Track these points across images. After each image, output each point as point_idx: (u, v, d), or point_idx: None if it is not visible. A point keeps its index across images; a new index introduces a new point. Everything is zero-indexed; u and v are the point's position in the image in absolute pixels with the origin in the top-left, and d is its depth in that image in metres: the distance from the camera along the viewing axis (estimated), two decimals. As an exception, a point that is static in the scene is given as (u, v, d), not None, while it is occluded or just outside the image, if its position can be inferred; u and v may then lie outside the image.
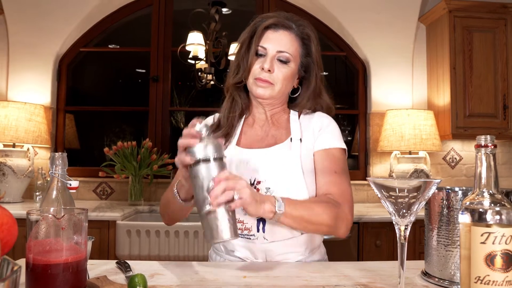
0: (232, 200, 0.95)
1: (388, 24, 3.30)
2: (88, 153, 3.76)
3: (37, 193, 2.92)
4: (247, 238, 1.21)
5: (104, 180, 3.20)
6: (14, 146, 2.95)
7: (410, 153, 3.08)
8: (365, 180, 3.22)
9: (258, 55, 1.26)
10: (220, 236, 0.93)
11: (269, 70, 1.23)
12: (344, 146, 1.29)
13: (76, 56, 3.42)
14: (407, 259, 1.22)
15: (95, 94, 3.99)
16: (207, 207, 0.93)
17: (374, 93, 3.33)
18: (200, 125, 0.98)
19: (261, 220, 1.20)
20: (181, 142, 0.98)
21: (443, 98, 3.12)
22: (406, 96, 3.31)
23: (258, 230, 1.20)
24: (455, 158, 3.36)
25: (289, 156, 1.23)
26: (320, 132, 1.28)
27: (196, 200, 0.97)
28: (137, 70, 3.94)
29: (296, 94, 1.34)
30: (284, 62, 1.24)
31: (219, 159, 0.97)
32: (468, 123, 3.02)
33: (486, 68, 3.05)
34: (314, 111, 1.35)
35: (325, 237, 1.41)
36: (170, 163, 3.05)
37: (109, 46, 3.66)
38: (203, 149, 0.95)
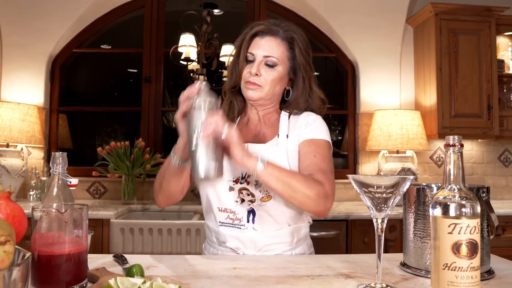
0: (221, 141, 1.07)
1: (377, 26, 3.38)
2: (81, 153, 3.80)
3: (31, 193, 2.96)
4: (238, 228, 1.29)
5: (97, 180, 3.25)
6: (7, 146, 2.99)
7: (397, 152, 3.16)
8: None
9: (247, 61, 1.34)
10: (204, 172, 1.04)
11: (256, 74, 1.31)
12: (329, 139, 1.35)
13: (69, 57, 3.46)
14: (394, 253, 1.29)
15: (88, 94, 4.02)
16: (197, 141, 1.05)
17: (362, 94, 3.40)
18: (200, 82, 1.11)
19: (251, 212, 1.28)
20: (183, 94, 1.11)
21: (430, 98, 3.21)
22: (394, 96, 3.40)
23: (248, 221, 1.29)
24: (442, 157, 3.44)
25: (276, 152, 1.32)
26: (306, 126, 1.36)
27: (188, 141, 1.08)
28: (129, 70, 3.98)
29: (290, 97, 1.41)
30: (271, 66, 1.32)
31: (213, 109, 1.09)
32: (454, 123, 3.11)
33: (471, 69, 3.14)
34: (304, 111, 1.43)
35: (310, 220, 1.44)
36: (163, 163, 3.10)
37: (101, 46, 3.70)
38: (200, 97, 1.08)
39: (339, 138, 3.77)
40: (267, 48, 1.32)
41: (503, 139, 3.29)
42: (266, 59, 1.32)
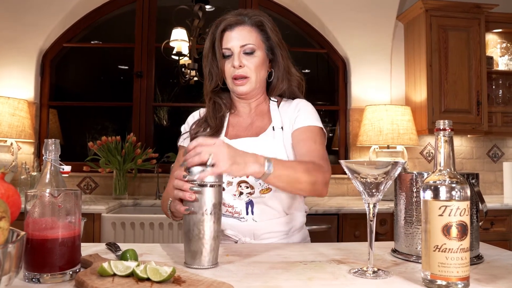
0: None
1: (368, 22, 3.40)
2: (71, 148, 3.77)
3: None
4: (238, 219, 1.31)
5: (88, 175, 3.23)
6: (-3, 140, 2.96)
7: (388, 147, 3.19)
8: (345, 174, 3.32)
9: (225, 57, 1.35)
10: (202, 263, 0.94)
11: (240, 66, 1.32)
12: (321, 125, 1.37)
13: (60, 52, 3.43)
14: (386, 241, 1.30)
15: (78, 89, 4.00)
16: (202, 236, 0.94)
17: (354, 89, 3.42)
18: (209, 177, 0.95)
19: (249, 203, 1.29)
20: (177, 193, 0.98)
21: (420, 94, 3.23)
22: (384, 92, 3.42)
23: (247, 213, 1.30)
24: (432, 153, 3.48)
25: (274, 144, 1.33)
26: (298, 113, 1.37)
27: (184, 228, 0.97)
28: (120, 67, 3.96)
29: (272, 78, 1.43)
30: (251, 53, 1.33)
31: (217, 206, 0.97)
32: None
33: (461, 65, 3.17)
34: (291, 96, 1.44)
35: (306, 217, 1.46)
36: (154, 157, 3.10)
37: (92, 42, 3.67)
38: (202, 202, 0.95)
39: (330, 135, 3.79)
40: (241, 38, 1.33)
41: (491, 134, 3.33)
42: (243, 48, 1.33)
